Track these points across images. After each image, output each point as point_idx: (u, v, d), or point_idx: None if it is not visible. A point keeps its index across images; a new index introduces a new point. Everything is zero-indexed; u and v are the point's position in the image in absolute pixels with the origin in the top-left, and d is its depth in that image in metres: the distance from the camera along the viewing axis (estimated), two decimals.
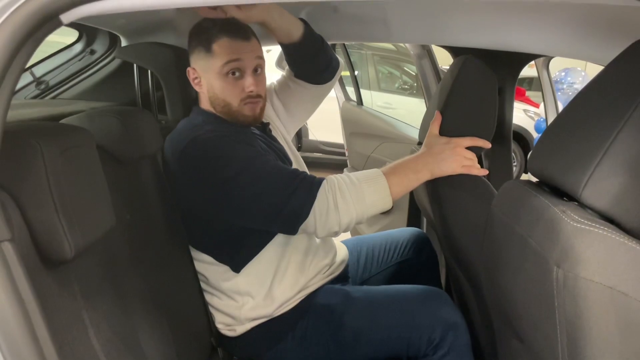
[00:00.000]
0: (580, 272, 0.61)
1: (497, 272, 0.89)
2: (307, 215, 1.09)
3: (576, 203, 0.69)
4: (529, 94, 6.56)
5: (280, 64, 6.27)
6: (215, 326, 1.30)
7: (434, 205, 1.31)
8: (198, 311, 1.28)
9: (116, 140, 1.07)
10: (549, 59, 2.61)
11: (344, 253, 1.45)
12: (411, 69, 6.08)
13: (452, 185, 1.20)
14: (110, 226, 0.88)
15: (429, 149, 1.18)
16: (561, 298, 0.64)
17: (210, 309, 1.30)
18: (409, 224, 2.10)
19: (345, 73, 3.02)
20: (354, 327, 1.22)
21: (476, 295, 1.21)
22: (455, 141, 1.17)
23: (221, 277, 1.25)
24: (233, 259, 1.24)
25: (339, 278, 1.37)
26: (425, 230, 1.94)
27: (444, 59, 1.90)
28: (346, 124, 2.80)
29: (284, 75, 1.49)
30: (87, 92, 1.52)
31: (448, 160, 1.15)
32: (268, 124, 1.38)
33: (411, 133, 2.25)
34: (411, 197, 2.10)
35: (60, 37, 1.55)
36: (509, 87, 1.66)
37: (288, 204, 1.09)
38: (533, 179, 0.84)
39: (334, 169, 3.23)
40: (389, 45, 6.31)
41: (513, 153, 4.97)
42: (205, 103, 1.28)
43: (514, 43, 1.50)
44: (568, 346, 0.66)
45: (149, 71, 1.49)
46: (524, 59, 1.64)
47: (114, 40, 1.50)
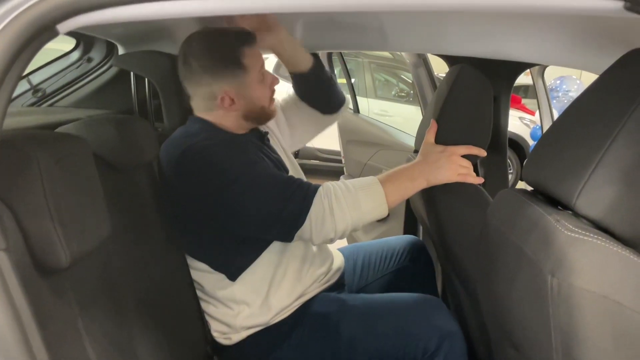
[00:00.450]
0: (574, 281, 0.61)
1: (493, 281, 0.89)
2: (303, 222, 1.09)
3: (570, 212, 0.69)
4: (524, 101, 6.59)
5: (277, 70, 6.29)
6: (211, 334, 1.29)
7: (430, 213, 1.32)
8: (194, 319, 1.28)
9: (112, 148, 1.07)
10: (544, 67, 2.62)
11: (340, 261, 1.45)
12: (408, 77, 6.10)
13: (448, 193, 1.21)
14: (107, 235, 0.88)
15: (425, 157, 1.19)
16: (555, 307, 0.64)
17: (206, 317, 1.30)
18: (405, 232, 2.10)
19: (342, 81, 3.04)
20: (350, 336, 1.22)
21: (472, 303, 1.21)
22: (451, 149, 1.17)
23: (217, 286, 1.25)
24: (229, 267, 1.23)
25: (335, 286, 1.37)
26: (421, 238, 1.94)
27: (440, 68, 1.91)
28: (343, 131, 2.81)
29: (290, 95, 1.53)
30: (84, 100, 1.53)
31: (444, 168, 1.16)
32: (267, 133, 1.39)
33: (407, 141, 2.25)
34: (407, 205, 2.10)
35: (58, 45, 1.55)
36: (504, 96, 1.67)
37: (284, 211, 1.09)
38: (529, 188, 0.85)
39: (330, 176, 3.23)
40: (386, 53, 6.33)
41: (509, 161, 4.99)
42: (214, 115, 1.24)
43: (509, 52, 1.51)
44: (563, 355, 0.66)
45: (146, 79, 1.50)
46: (519, 67, 1.65)
47: (111, 49, 1.50)
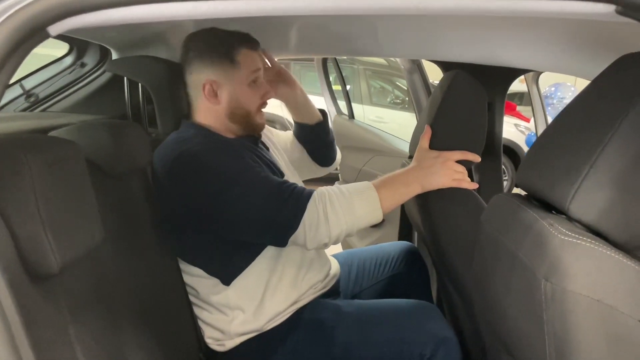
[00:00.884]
0: (568, 285, 0.61)
1: (487, 286, 0.88)
2: (297, 226, 1.08)
3: (564, 216, 0.69)
4: (519, 108, 6.62)
5: None
6: (204, 341, 1.28)
7: (425, 218, 1.31)
8: (187, 326, 1.26)
9: (105, 153, 1.06)
10: (539, 74, 2.64)
11: (335, 267, 1.45)
12: (403, 84, 6.12)
13: (443, 199, 1.20)
14: (98, 240, 0.87)
15: (419, 162, 1.19)
16: (549, 312, 0.64)
17: (200, 324, 1.29)
18: (400, 238, 2.10)
19: (337, 87, 3.04)
20: (345, 342, 1.21)
21: (467, 309, 1.20)
22: (446, 155, 1.17)
23: (211, 291, 1.24)
24: (223, 271, 1.23)
25: (330, 292, 1.36)
26: (416, 244, 1.93)
27: (435, 76, 1.91)
28: (338, 137, 2.79)
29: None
30: (77, 105, 1.52)
31: (438, 174, 1.16)
32: (259, 137, 1.39)
33: (402, 147, 2.25)
34: (402, 211, 2.10)
35: (51, 50, 1.55)
36: (498, 102, 1.68)
37: (278, 215, 1.09)
38: (523, 193, 0.85)
39: (325, 182, 3.22)
40: (381, 60, 6.36)
41: (504, 167, 5.00)
42: (207, 117, 1.27)
43: (503, 58, 1.51)
44: None
45: (140, 85, 1.49)
46: (514, 73, 1.66)
47: (104, 54, 1.50)
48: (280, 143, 1.54)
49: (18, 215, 0.72)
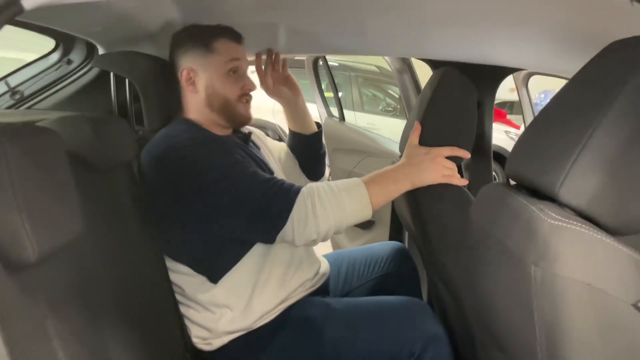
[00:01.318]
0: (557, 270, 0.60)
1: (476, 279, 0.87)
2: (285, 222, 1.07)
3: (554, 203, 0.68)
4: (509, 117, 6.67)
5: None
6: (191, 340, 1.26)
7: (415, 216, 1.30)
8: (173, 324, 1.24)
9: (89, 146, 1.04)
10: (528, 77, 2.65)
11: (325, 266, 1.43)
12: (395, 91, 6.14)
13: (432, 196, 1.19)
14: (79, 232, 0.85)
15: (409, 159, 1.18)
16: (539, 298, 0.63)
17: (186, 322, 1.26)
18: (390, 239, 2.08)
19: (329, 94, 3.04)
20: (334, 340, 1.19)
21: (457, 307, 1.19)
22: (435, 151, 1.16)
23: (198, 289, 1.22)
24: (210, 269, 1.20)
25: (319, 291, 1.35)
26: (407, 245, 1.92)
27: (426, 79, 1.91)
28: (328, 139, 2.80)
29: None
30: (64, 103, 1.50)
31: (428, 170, 1.15)
32: (250, 133, 1.38)
33: (393, 148, 2.25)
34: (393, 213, 2.09)
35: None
36: (488, 101, 1.67)
37: (266, 210, 1.07)
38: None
39: None
40: (373, 68, 6.39)
41: (495, 173, 5.01)
42: (193, 110, 1.28)
43: (492, 57, 1.51)
44: (547, 349, 0.65)
45: (127, 83, 1.48)
46: (503, 72, 1.66)
47: (91, 50, 1.48)
48: (274, 151, 1.54)
49: None
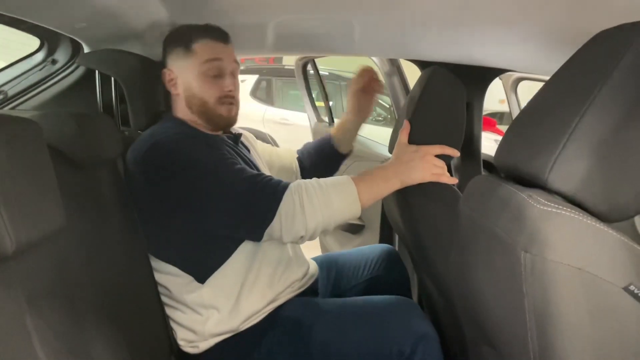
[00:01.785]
0: (548, 255, 0.59)
1: (466, 272, 0.86)
2: (272, 218, 1.05)
3: (543, 190, 0.67)
4: (499, 126, 6.73)
5: (254, 94, 6.30)
6: (177, 343, 1.23)
7: (404, 215, 1.29)
8: (158, 326, 1.21)
9: (72, 141, 1.02)
10: (518, 82, 2.67)
11: (313, 267, 1.41)
12: (385, 101, 6.17)
13: (422, 195, 1.19)
14: (59, 226, 0.82)
15: (398, 157, 1.17)
16: (529, 284, 0.62)
17: (172, 324, 1.24)
18: (381, 243, 2.07)
19: (319, 104, 3.04)
20: (323, 341, 1.17)
21: (447, 305, 1.18)
22: (425, 149, 1.15)
23: (184, 289, 1.19)
24: (197, 268, 1.18)
25: (308, 292, 1.33)
26: (397, 249, 1.91)
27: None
28: None
29: (289, 155, 1.60)
30: (48, 103, 1.48)
31: (417, 168, 1.14)
32: (240, 134, 1.37)
33: (382, 151, 2.24)
34: (383, 217, 2.08)
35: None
36: (477, 102, 1.68)
37: (253, 206, 1.06)
38: None
39: None
40: None
41: None
42: (179, 110, 1.27)
43: (480, 57, 1.51)
44: (538, 338, 0.63)
45: (112, 83, 1.46)
46: (491, 74, 1.66)
47: (76, 50, 1.46)
48: (265, 155, 1.52)
49: None
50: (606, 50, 0.67)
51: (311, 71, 2.94)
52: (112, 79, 1.45)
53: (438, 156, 1.16)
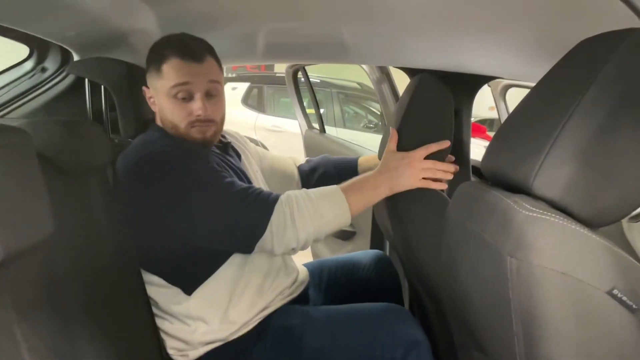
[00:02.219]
0: (533, 260, 0.60)
1: (455, 277, 0.87)
2: (264, 230, 1.05)
3: (529, 197, 0.68)
4: (489, 133, 6.78)
5: (246, 101, 6.31)
6: (167, 352, 1.22)
7: (394, 221, 1.30)
8: (147, 335, 1.20)
9: (61, 149, 1.02)
10: (506, 89, 2.69)
11: (303, 274, 1.41)
12: (376, 108, 6.20)
13: (411, 201, 1.19)
14: (48, 233, 0.82)
15: (386, 165, 1.17)
16: (516, 289, 0.62)
17: (162, 334, 1.23)
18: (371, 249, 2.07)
19: (310, 111, 3.05)
20: (314, 349, 1.16)
21: (437, 310, 1.18)
22: (411, 155, 1.15)
23: (172, 300, 1.19)
24: (184, 280, 1.18)
25: (299, 299, 1.32)
26: (388, 254, 1.91)
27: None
28: (308, 151, 2.81)
29: (289, 161, 1.58)
30: (37, 112, 1.47)
31: (405, 175, 1.14)
32: (229, 143, 1.36)
33: None
34: (374, 224, 2.08)
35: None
36: (465, 109, 1.69)
37: (243, 219, 1.05)
38: None
39: None
40: (354, 84, 6.45)
41: None
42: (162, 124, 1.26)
43: (468, 64, 1.53)
44: (525, 341, 0.64)
45: (102, 91, 1.46)
46: (479, 81, 1.68)
47: (66, 58, 1.46)
48: (255, 157, 1.51)
49: None
50: (590, 57, 0.68)
51: (302, 79, 2.95)
52: (102, 87, 1.45)
53: (431, 156, 1.16)
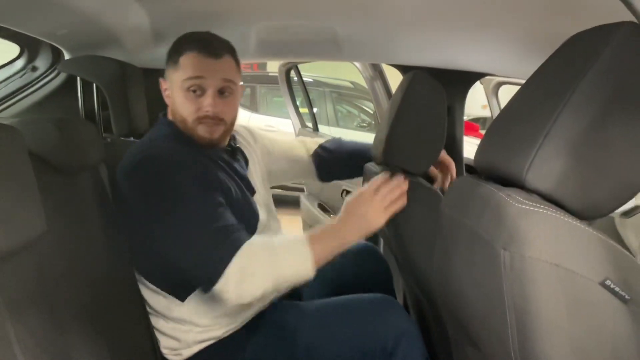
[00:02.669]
0: (526, 252, 0.60)
1: (448, 272, 0.87)
2: (218, 278, 1.00)
3: (522, 190, 0.69)
4: (482, 131, 6.80)
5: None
6: (161, 351, 1.22)
7: (389, 221, 1.30)
8: (141, 334, 1.20)
9: (53, 148, 1.01)
10: (498, 87, 2.70)
11: None
12: (370, 107, 6.20)
13: (407, 201, 1.19)
14: (40, 232, 0.82)
15: (354, 211, 1.12)
16: (509, 282, 0.63)
17: (155, 333, 1.23)
18: None
19: (304, 110, 3.05)
20: (307, 343, 1.17)
21: (431, 306, 1.19)
22: (366, 192, 1.12)
23: (165, 305, 1.18)
24: (177, 288, 1.17)
25: (292, 295, 1.33)
26: (382, 251, 1.91)
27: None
28: None
29: (301, 148, 1.57)
30: (29, 111, 1.47)
31: (373, 217, 1.11)
32: (238, 148, 1.32)
33: None
34: None
35: None
36: (458, 106, 1.70)
37: (204, 262, 1.02)
38: None
39: (295, 205, 3.24)
40: (347, 84, 6.45)
41: None
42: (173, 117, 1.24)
43: (462, 62, 1.54)
44: (518, 334, 0.64)
45: (94, 89, 1.45)
46: (472, 77, 1.69)
47: (57, 57, 1.46)
48: (269, 146, 1.50)
49: None
50: (581, 52, 0.68)
51: (295, 78, 2.95)
52: (94, 85, 1.44)
53: (426, 151, 1.16)
